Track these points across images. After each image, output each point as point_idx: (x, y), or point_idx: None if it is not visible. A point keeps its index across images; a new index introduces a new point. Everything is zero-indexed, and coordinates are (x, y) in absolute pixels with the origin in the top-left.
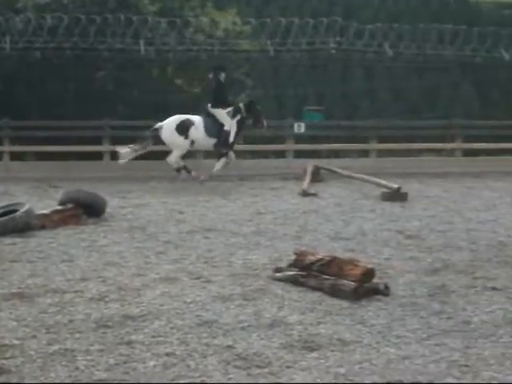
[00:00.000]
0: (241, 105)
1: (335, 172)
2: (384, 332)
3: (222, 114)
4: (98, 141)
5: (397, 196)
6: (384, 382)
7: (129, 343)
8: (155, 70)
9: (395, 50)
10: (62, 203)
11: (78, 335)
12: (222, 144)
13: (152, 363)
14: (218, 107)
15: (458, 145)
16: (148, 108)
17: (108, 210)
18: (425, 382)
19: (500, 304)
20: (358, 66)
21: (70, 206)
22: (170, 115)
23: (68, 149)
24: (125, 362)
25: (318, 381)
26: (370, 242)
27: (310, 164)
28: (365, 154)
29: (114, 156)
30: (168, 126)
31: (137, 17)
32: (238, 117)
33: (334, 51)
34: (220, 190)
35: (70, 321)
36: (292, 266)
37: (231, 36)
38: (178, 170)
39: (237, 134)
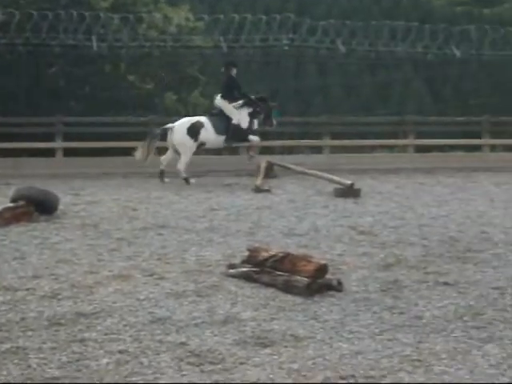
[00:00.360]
0: (252, 97)
1: (289, 168)
2: (337, 327)
3: (228, 108)
4: (50, 137)
5: (350, 192)
6: (337, 377)
7: (81, 341)
8: (108, 66)
9: (348, 46)
10: (13, 200)
11: (30, 333)
12: (231, 138)
13: (105, 361)
14: (226, 100)
15: (410, 141)
16: (100, 104)
17: (60, 207)
18: (377, 376)
19: (452, 299)
20: (311, 63)
21: (21, 203)
22: (123, 111)
23: (20, 145)
24: (77, 360)
25: (271, 377)
26: (323, 238)
27: (263, 160)
28: (318, 150)
29: (68, 152)
30: (179, 128)
31: (89, 13)
32: (250, 109)
33: (287, 48)
34: (173, 186)
35: (22, 319)
36: (245, 262)
37: (184, 32)
38: (187, 180)
39: (250, 122)
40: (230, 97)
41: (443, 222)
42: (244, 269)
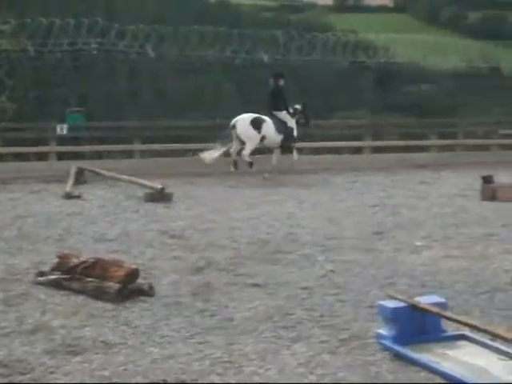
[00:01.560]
0: (298, 106)
1: (99, 174)
2: (148, 332)
3: (284, 115)
4: None
5: (161, 196)
6: (147, 382)
7: None
8: None
9: (157, 51)
10: None
11: None
12: (288, 139)
13: None
14: (281, 110)
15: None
16: None
17: None
18: (188, 380)
19: (261, 300)
20: (121, 67)
21: None
22: None
23: None
24: None
25: None
26: (134, 243)
27: (73, 166)
28: (129, 154)
29: None
30: (243, 121)
31: None
32: (297, 116)
33: (95, 52)
34: None
35: None
36: (55, 269)
37: None
38: (251, 164)
39: (297, 130)
40: (275, 107)
41: (253, 224)
42: (53, 276)
